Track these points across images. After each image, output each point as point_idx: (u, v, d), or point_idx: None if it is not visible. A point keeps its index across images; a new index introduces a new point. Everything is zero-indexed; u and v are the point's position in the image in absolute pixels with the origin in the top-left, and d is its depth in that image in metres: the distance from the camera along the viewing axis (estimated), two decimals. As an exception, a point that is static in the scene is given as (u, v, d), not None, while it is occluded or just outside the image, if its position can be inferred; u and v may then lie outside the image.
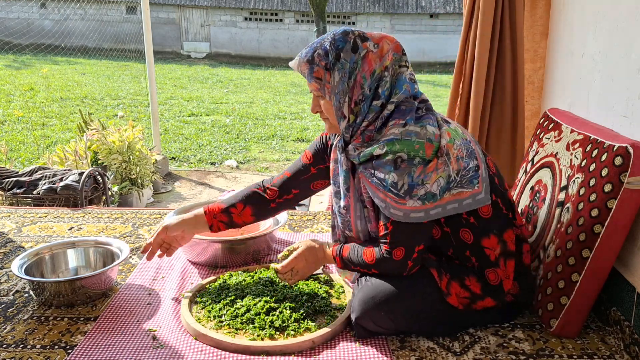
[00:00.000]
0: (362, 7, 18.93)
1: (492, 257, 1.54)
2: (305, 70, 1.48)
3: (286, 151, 6.58)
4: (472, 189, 1.47)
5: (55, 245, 1.96)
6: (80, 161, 4.10)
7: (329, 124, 1.57)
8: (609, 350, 1.54)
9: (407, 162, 1.42)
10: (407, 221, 1.44)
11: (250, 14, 19.19)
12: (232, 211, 1.81)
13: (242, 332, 1.58)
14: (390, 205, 1.44)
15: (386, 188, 1.44)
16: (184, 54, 18.71)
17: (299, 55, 1.50)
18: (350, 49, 1.45)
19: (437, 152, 1.44)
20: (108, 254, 1.96)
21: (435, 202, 1.44)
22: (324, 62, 1.46)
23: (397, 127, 1.45)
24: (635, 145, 1.48)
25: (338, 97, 1.47)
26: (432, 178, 1.42)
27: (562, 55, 2.47)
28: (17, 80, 10.80)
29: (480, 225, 1.52)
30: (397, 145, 1.43)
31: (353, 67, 1.45)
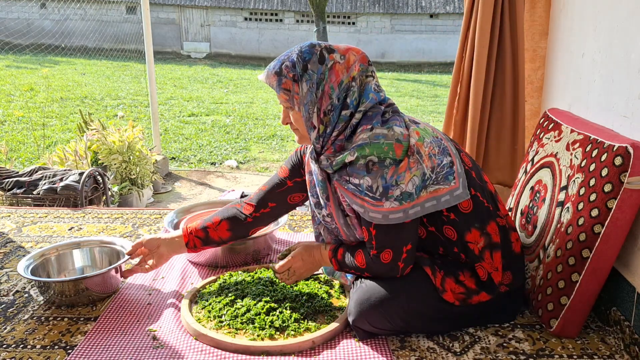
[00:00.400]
0: (362, 7, 18.92)
1: (476, 251, 1.55)
2: (273, 82, 1.50)
3: (286, 151, 6.58)
4: (449, 185, 1.49)
5: (61, 246, 1.95)
6: (80, 161, 4.10)
7: (300, 134, 1.58)
8: (609, 350, 1.54)
9: (379, 165, 1.43)
10: (388, 223, 1.45)
11: (250, 14, 19.19)
12: (209, 226, 1.81)
13: (242, 332, 1.58)
14: (369, 210, 1.45)
15: (362, 192, 1.45)
16: (184, 54, 18.71)
17: (267, 68, 1.52)
18: (317, 60, 1.47)
19: (407, 151, 1.45)
20: (114, 254, 1.97)
21: (413, 201, 1.45)
22: (291, 73, 1.48)
23: (365, 132, 1.46)
24: (635, 145, 1.48)
25: (307, 108, 1.48)
26: (405, 177, 1.44)
27: (562, 55, 2.47)
28: (17, 80, 10.80)
29: (461, 221, 1.53)
30: (366, 149, 1.44)
31: (320, 78, 1.47)
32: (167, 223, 2.14)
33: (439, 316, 1.56)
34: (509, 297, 1.63)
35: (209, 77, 13.35)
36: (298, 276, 1.71)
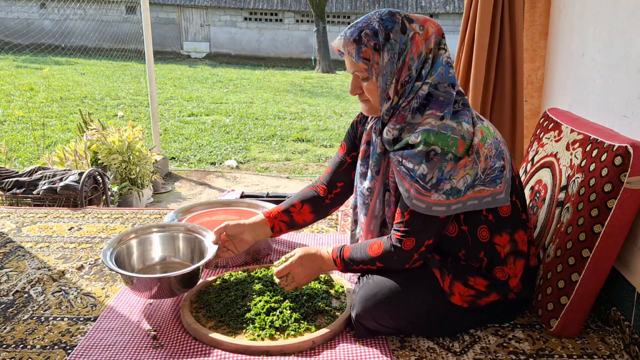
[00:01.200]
0: (362, 7, 18.92)
1: (502, 255, 1.56)
2: (352, 50, 1.44)
3: (286, 151, 6.58)
4: (493, 188, 1.48)
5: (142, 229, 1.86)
6: (80, 161, 4.10)
7: (369, 105, 1.54)
8: (608, 350, 1.54)
9: (440, 157, 1.41)
10: (428, 213, 1.44)
11: (250, 14, 19.19)
12: (292, 210, 1.82)
13: (242, 332, 1.58)
14: (414, 197, 1.43)
15: (413, 179, 1.43)
16: (183, 54, 18.71)
17: (343, 34, 1.47)
18: (399, 29, 1.43)
19: (469, 150, 1.43)
20: (196, 243, 1.85)
21: (459, 198, 1.44)
22: (372, 42, 1.43)
23: (434, 119, 1.44)
24: (635, 145, 1.48)
25: (385, 79, 1.45)
26: (459, 174, 1.42)
27: (561, 55, 2.48)
28: (17, 80, 10.80)
29: (496, 223, 1.54)
30: (432, 137, 1.41)
31: (402, 48, 1.43)
32: (167, 223, 2.13)
33: (443, 318, 1.56)
34: (516, 303, 1.65)
35: (209, 77, 13.35)
36: (298, 282, 1.64)
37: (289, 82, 13.21)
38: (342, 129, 7.82)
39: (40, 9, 17.95)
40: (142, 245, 1.86)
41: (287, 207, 1.83)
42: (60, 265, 2.09)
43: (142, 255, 1.86)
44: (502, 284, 1.58)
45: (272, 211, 1.83)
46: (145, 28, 5.03)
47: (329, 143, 7.00)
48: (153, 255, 1.89)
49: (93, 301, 1.82)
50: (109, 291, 1.89)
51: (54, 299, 1.83)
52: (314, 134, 7.47)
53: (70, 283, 1.94)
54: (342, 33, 1.48)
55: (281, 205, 1.84)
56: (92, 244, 2.30)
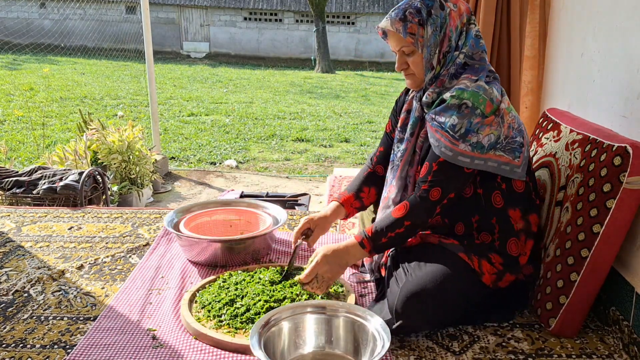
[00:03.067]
0: (361, 7, 18.91)
1: (515, 227, 1.63)
2: (400, 28, 1.59)
3: (285, 151, 6.58)
4: (512, 158, 1.59)
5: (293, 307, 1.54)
6: (80, 161, 4.10)
7: (414, 79, 1.67)
8: (607, 349, 1.55)
9: (470, 110, 1.53)
10: (454, 162, 1.54)
11: (249, 14, 19.18)
12: (362, 196, 1.91)
13: (242, 331, 1.58)
14: (443, 144, 1.54)
15: (444, 129, 1.54)
16: (183, 54, 18.70)
17: (388, 16, 1.62)
18: (438, 6, 1.59)
19: (495, 112, 1.55)
20: (359, 330, 1.48)
21: (482, 153, 1.55)
22: (417, 18, 1.58)
23: (470, 80, 1.58)
24: (634, 145, 1.48)
25: (429, 50, 1.60)
26: (485, 131, 1.54)
27: (561, 55, 2.48)
28: (17, 80, 10.80)
29: (510, 195, 1.62)
30: (465, 93, 1.54)
31: (443, 22, 1.59)
32: (167, 223, 2.14)
33: (476, 302, 1.62)
34: (526, 285, 1.70)
35: (209, 77, 13.34)
36: (328, 280, 1.62)
37: (288, 82, 13.20)
38: (341, 129, 7.82)
39: (40, 9, 17.94)
40: (294, 330, 1.51)
41: (358, 193, 1.92)
42: (60, 264, 2.09)
43: (292, 343, 1.50)
44: (513, 260, 1.62)
45: (346, 198, 1.91)
46: (145, 28, 5.03)
47: (328, 143, 7.00)
48: (304, 342, 1.51)
49: (93, 301, 1.82)
50: (109, 291, 1.89)
51: (53, 299, 1.83)
52: (314, 134, 7.47)
53: (70, 282, 1.95)
54: (387, 16, 1.63)
55: (351, 192, 1.92)
56: (92, 243, 2.30)
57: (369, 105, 10.22)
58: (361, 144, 6.97)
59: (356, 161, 6.16)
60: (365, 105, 10.12)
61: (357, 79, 14.52)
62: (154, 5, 18.09)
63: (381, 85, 13.30)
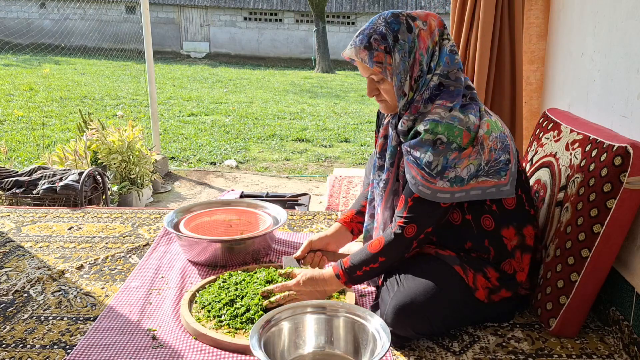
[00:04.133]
0: (361, 7, 18.91)
1: (508, 247, 1.59)
2: (365, 57, 1.51)
3: (285, 151, 6.58)
4: (497, 180, 1.53)
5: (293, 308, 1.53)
6: (80, 161, 4.10)
7: (387, 104, 1.60)
8: (607, 350, 1.54)
9: (445, 145, 1.46)
10: (433, 200, 1.49)
11: (249, 14, 19.18)
12: (364, 211, 1.86)
13: (241, 331, 1.58)
14: (420, 183, 1.49)
15: (420, 166, 1.48)
16: (183, 54, 18.70)
17: (352, 44, 1.53)
18: (405, 29, 1.50)
19: (473, 141, 1.49)
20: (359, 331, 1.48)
21: (462, 186, 1.49)
22: (382, 45, 1.49)
23: (444, 109, 1.50)
24: (634, 145, 1.48)
25: (399, 77, 1.51)
26: (463, 163, 1.48)
27: (561, 55, 2.48)
28: (17, 80, 10.80)
29: (501, 215, 1.58)
30: (439, 127, 1.47)
31: (411, 46, 1.50)
32: (167, 223, 2.14)
33: (469, 316, 1.61)
34: (525, 298, 1.69)
35: (209, 77, 13.34)
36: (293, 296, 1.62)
37: (288, 82, 13.20)
38: (341, 129, 7.82)
39: (40, 9, 17.94)
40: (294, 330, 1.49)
41: (359, 208, 1.89)
42: (60, 264, 2.09)
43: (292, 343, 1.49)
44: (509, 277, 1.60)
45: (347, 216, 1.89)
46: (145, 28, 5.03)
47: (328, 143, 7.00)
48: (304, 342, 1.50)
49: (93, 301, 1.82)
50: (109, 291, 1.89)
51: (53, 299, 1.83)
52: (314, 134, 7.46)
53: (70, 283, 1.94)
54: (351, 42, 1.54)
55: (352, 209, 1.90)
56: (91, 243, 2.30)
57: (369, 105, 10.21)
58: (361, 144, 6.97)
59: (356, 161, 6.16)
60: (365, 105, 10.12)
61: (357, 79, 14.52)
62: (154, 5, 18.10)
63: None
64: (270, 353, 1.39)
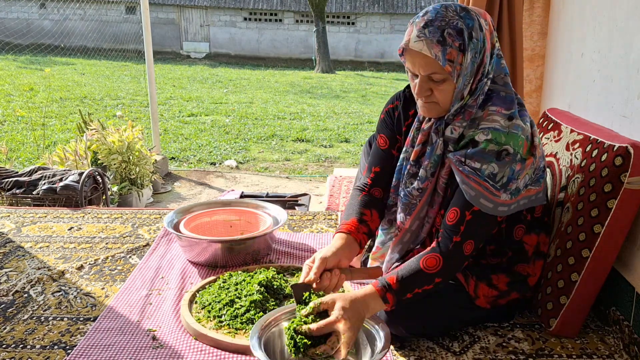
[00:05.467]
0: (361, 7, 18.91)
1: (529, 253, 1.58)
2: (438, 52, 1.33)
3: (285, 151, 6.58)
4: (538, 187, 1.48)
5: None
6: (80, 161, 4.10)
7: (435, 108, 1.44)
8: (608, 350, 1.54)
9: (512, 157, 1.37)
10: (493, 213, 1.39)
11: (249, 14, 19.18)
12: (366, 219, 1.63)
13: (242, 332, 1.57)
14: (482, 195, 1.37)
15: (481, 177, 1.37)
16: (183, 54, 18.70)
17: (421, 36, 1.34)
18: (478, 27, 1.36)
19: (530, 150, 1.42)
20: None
21: (517, 197, 1.42)
22: (457, 42, 1.33)
23: (502, 117, 1.39)
24: (635, 145, 1.48)
25: (465, 79, 1.38)
26: (523, 174, 1.41)
27: (561, 55, 2.48)
28: (17, 80, 10.80)
29: (531, 222, 1.56)
30: (503, 137, 1.37)
31: (482, 46, 1.37)
32: (167, 223, 2.13)
33: (468, 322, 1.61)
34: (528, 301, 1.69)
35: (209, 77, 13.35)
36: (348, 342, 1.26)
37: (288, 82, 13.20)
38: (341, 129, 7.82)
39: (40, 9, 17.94)
40: None
41: (360, 217, 1.63)
42: (60, 265, 2.09)
43: None
44: (522, 279, 1.59)
45: (350, 225, 1.60)
46: (145, 28, 5.03)
47: (328, 143, 7.00)
48: None
49: (93, 301, 1.82)
50: (109, 291, 1.89)
51: (53, 299, 1.83)
52: (314, 134, 7.46)
53: (70, 283, 1.94)
54: (416, 33, 1.35)
55: (353, 217, 1.63)
56: (92, 244, 2.30)
57: (369, 105, 10.21)
58: (361, 144, 6.97)
59: (356, 161, 6.16)
60: (365, 105, 10.12)
61: (357, 79, 14.52)
62: (154, 5, 18.09)
63: (381, 86, 13.30)
64: (270, 353, 1.38)
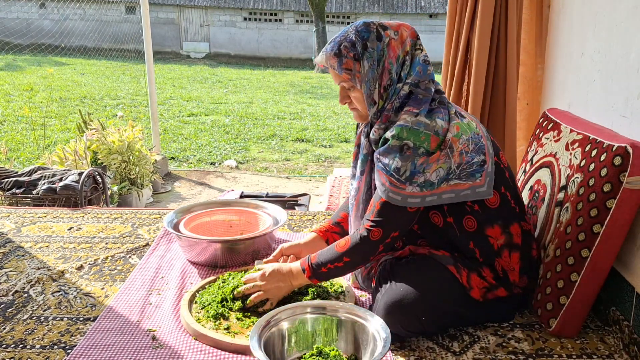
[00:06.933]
0: (361, 7, 18.91)
1: (495, 247, 1.58)
2: (334, 64, 1.54)
3: (285, 151, 6.58)
4: (472, 182, 1.52)
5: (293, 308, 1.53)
6: (80, 161, 4.10)
7: (358, 113, 1.63)
8: (608, 350, 1.54)
9: (412, 151, 1.47)
10: (403, 205, 1.49)
11: (249, 14, 19.18)
12: (340, 221, 1.88)
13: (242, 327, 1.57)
14: (389, 189, 1.49)
15: (388, 173, 1.49)
16: (183, 54, 18.70)
17: (324, 50, 1.57)
18: (375, 38, 1.52)
19: (441, 145, 1.49)
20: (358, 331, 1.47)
21: (432, 190, 1.49)
22: (352, 53, 1.52)
23: (410, 115, 1.51)
24: (634, 145, 1.48)
25: (369, 85, 1.53)
26: (432, 168, 1.48)
27: (561, 54, 2.48)
28: (17, 80, 10.80)
29: (485, 214, 1.57)
30: (405, 132, 1.48)
31: (380, 55, 1.52)
32: (167, 223, 2.14)
33: (464, 315, 1.60)
34: (523, 298, 1.68)
35: (209, 77, 13.35)
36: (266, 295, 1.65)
37: (288, 82, 13.20)
38: (341, 129, 7.82)
39: (40, 9, 17.94)
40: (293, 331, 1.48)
41: (336, 219, 1.90)
42: (59, 265, 2.09)
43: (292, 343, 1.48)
44: (502, 275, 1.59)
45: (323, 226, 1.90)
46: (144, 28, 5.03)
47: (328, 143, 7.00)
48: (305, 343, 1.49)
49: (92, 301, 1.82)
50: (109, 291, 1.89)
51: (53, 299, 1.83)
52: (314, 134, 7.47)
53: (70, 283, 1.94)
54: (322, 49, 1.58)
55: (330, 220, 1.92)
56: (91, 244, 2.30)
57: (368, 105, 10.20)
58: (361, 144, 6.97)
59: (356, 161, 6.16)
60: (365, 105, 10.11)
61: (357, 79, 14.50)
62: (153, 5, 18.09)
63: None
64: (270, 353, 1.39)
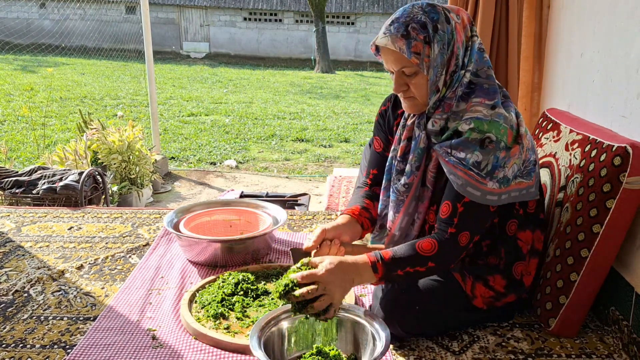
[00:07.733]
0: (361, 8, 18.91)
1: (524, 250, 1.57)
2: (402, 46, 1.39)
3: (285, 151, 6.58)
4: (529, 181, 1.48)
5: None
6: (80, 161, 4.10)
7: (414, 102, 1.49)
8: (607, 349, 1.55)
9: (495, 144, 1.39)
10: (482, 202, 1.41)
11: (249, 14, 19.18)
12: (368, 207, 1.70)
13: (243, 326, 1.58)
14: (469, 183, 1.39)
15: (467, 167, 1.39)
16: (183, 54, 18.70)
17: (386, 32, 1.41)
18: (444, 19, 1.41)
19: (516, 139, 1.43)
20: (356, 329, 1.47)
21: (506, 187, 1.42)
22: (422, 35, 1.39)
23: (485, 107, 1.42)
24: (634, 145, 1.48)
25: (436, 71, 1.42)
26: (511, 163, 1.42)
27: (561, 55, 2.48)
28: (17, 80, 10.80)
29: (524, 218, 1.55)
30: (485, 125, 1.40)
31: (450, 38, 1.42)
32: (167, 223, 2.14)
33: (465, 320, 1.60)
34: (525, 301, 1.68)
35: (209, 77, 13.35)
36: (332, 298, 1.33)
37: (288, 82, 13.20)
38: (341, 129, 7.82)
39: (40, 9, 17.94)
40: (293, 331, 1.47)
41: (363, 204, 1.70)
42: (59, 264, 2.09)
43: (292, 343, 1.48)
44: (518, 283, 1.59)
45: (353, 210, 1.68)
46: (144, 28, 5.03)
47: (328, 143, 7.00)
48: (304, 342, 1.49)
49: (93, 301, 1.82)
50: (109, 291, 1.89)
51: (53, 299, 1.83)
52: (314, 134, 7.47)
53: (70, 282, 1.95)
54: (383, 30, 1.43)
55: (356, 204, 1.70)
56: (91, 243, 2.30)
57: (369, 105, 10.22)
58: (361, 144, 6.97)
59: (356, 161, 6.16)
60: (365, 105, 10.12)
61: (357, 79, 14.52)
62: (154, 5, 18.09)
63: (381, 85, 13.30)
64: (270, 353, 1.39)
